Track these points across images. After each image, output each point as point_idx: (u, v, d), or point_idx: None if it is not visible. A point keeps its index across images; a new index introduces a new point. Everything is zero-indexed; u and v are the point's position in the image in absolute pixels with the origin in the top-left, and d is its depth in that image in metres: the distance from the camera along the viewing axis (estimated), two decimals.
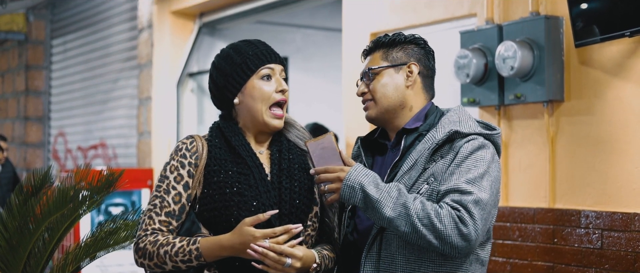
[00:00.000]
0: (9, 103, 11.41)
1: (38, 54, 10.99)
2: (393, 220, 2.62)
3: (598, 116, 4.41)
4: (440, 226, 2.59)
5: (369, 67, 2.90)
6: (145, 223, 2.71)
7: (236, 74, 2.80)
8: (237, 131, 2.82)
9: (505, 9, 4.92)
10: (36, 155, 10.97)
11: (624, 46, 4.28)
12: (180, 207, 2.73)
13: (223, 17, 8.01)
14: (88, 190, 3.96)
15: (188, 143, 2.80)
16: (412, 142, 2.84)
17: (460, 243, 2.60)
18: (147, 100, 8.60)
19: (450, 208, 2.61)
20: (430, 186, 2.73)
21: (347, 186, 2.64)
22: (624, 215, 4.24)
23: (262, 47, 2.84)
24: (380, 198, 2.62)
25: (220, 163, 2.75)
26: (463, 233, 2.59)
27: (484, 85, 4.91)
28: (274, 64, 2.82)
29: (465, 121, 2.83)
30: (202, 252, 2.64)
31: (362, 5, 5.99)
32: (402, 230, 2.62)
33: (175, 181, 2.74)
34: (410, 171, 2.76)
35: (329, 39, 9.09)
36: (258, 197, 2.71)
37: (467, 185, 2.65)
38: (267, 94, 2.79)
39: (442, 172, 2.73)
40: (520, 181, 4.81)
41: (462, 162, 2.71)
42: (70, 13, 10.56)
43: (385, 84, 2.87)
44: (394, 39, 2.92)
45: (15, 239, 3.96)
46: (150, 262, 2.68)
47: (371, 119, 2.92)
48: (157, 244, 2.67)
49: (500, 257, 4.84)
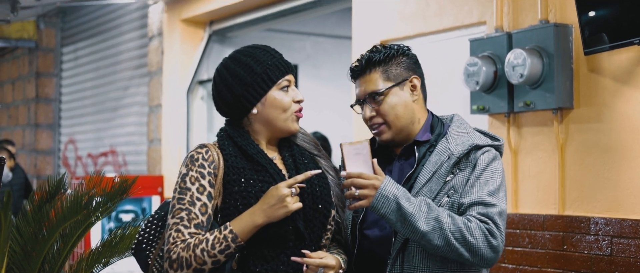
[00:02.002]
0: (19, 110, 11.46)
1: (48, 61, 11.04)
2: (426, 234, 2.66)
3: (607, 123, 4.42)
4: (472, 239, 2.66)
5: (374, 91, 2.85)
6: (173, 237, 2.64)
7: (257, 85, 2.77)
8: (249, 139, 2.80)
9: (514, 16, 4.94)
10: (46, 162, 11.02)
11: (633, 54, 4.29)
12: (208, 218, 2.68)
13: (233, 25, 8.05)
14: (102, 197, 3.97)
15: (204, 152, 2.75)
16: (423, 153, 2.87)
17: (490, 255, 2.70)
18: (157, 108, 8.64)
19: (479, 222, 2.69)
20: (451, 198, 2.77)
21: (382, 196, 2.65)
22: (634, 222, 4.25)
23: (278, 56, 2.83)
24: (414, 212, 2.65)
25: (238, 172, 2.72)
26: (493, 245, 2.69)
27: (493, 92, 4.92)
28: (290, 74, 2.84)
29: (473, 131, 2.90)
30: (236, 231, 2.62)
31: (372, 13, 6.01)
32: (434, 244, 2.67)
33: (199, 192, 2.68)
34: (429, 183, 2.79)
35: (338, 46, 9.11)
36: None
37: (490, 198, 2.73)
38: (288, 105, 2.79)
39: (462, 184, 2.78)
40: (529, 188, 4.82)
41: (480, 174, 2.77)
42: (80, 21, 10.60)
43: (395, 105, 2.86)
44: (387, 55, 2.89)
45: (29, 245, 3.98)
46: (188, 270, 2.60)
47: (386, 141, 2.90)
48: (190, 247, 2.61)
49: (510, 263, 4.85)
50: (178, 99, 8.37)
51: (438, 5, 5.46)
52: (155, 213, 2.89)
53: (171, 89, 8.44)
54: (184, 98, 8.35)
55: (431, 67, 5.11)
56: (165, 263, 2.64)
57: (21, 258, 4.01)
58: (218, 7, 7.74)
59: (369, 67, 2.88)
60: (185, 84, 8.33)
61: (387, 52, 2.88)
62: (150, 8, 8.78)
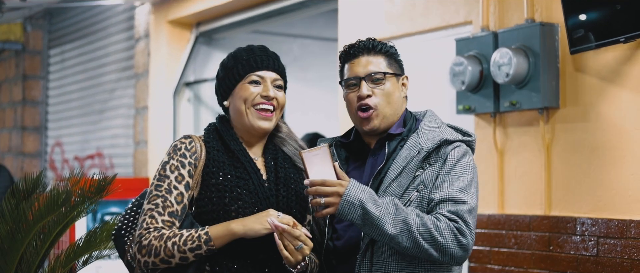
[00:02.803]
0: (6, 113, 11.40)
1: (35, 63, 10.98)
2: (395, 237, 2.64)
3: (593, 123, 4.40)
4: (441, 239, 2.65)
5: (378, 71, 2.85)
6: (147, 222, 2.67)
7: (227, 79, 2.83)
8: (234, 135, 2.83)
9: (500, 16, 4.92)
10: (33, 165, 10.96)
11: (619, 52, 4.27)
12: (183, 207, 2.71)
13: (220, 26, 8.01)
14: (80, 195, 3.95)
15: (187, 143, 2.79)
16: (394, 148, 2.84)
17: (460, 254, 2.69)
18: (144, 110, 8.60)
19: (448, 220, 2.68)
20: (420, 193, 2.76)
21: (347, 202, 2.63)
22: (620, 222, 4.22)
23: (260, 53, 2.84)
24: (381, 216, 2.63)
25: (218, 165, 2.75)
26: (462, 243, 2.68)
27: (479, 92, 4.90)
28: (265, 71, 2.81)
29: (444, 127, 2.90)
30: (211, 235, 2.63)
31: (358, 14, 5.99)
32: (403, 246, 2.66)
33: (177, 181, 2.72)
34: (398, 178, 2.77)
35: (325, 48, 9.09)
36: (258, 203, 2.72)
37: (460, 194, 2.72)
38: (250, 95, 2.79)
39: (431, 179, 2.77)
40: (515, 188, 4.80)
41: (451, 170, 2.76)
42: (67, 23, 10.56)
43: (391, 92, 2.87)
44: (391, 47, 2.93)
45: (6, 243, 3.96)
46: (155, 259, 2.63)
47: (371, 129, 2.86)
48: (163, 238, 2.63)
49: (495, 264, 4.82)
50: (165, 100, 8.33)
51: (424, 6, 5.44)
52: (136, 200, 2.93)
53: (158, 91, 8.40)
54: (170, 100, 8.31)
55: (417, 67, 5.11)
56: (135, 246, 2.67)
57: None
58: (205, 8, 7.71)
59: (376, 48, 2.89)
60: (171, 86, 8.30)
61: (389, 48, 2.92)
62: (137, 10, 8.75)
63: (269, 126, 2.82)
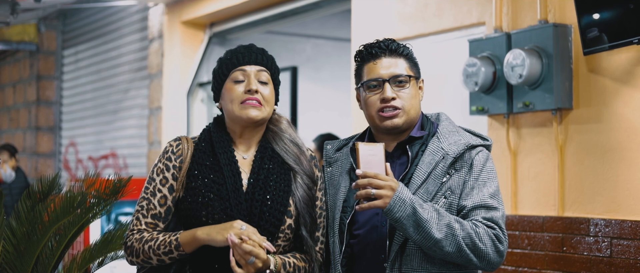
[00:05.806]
0: (20, 113, 11.46)
1: (49, 64, 11.04)
2: (440, 241, 2.65)
3: (607, 124, 4.40)
4: (481, 246, 2.68)
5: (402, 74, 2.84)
6: (133, 224, 2.76)
7: (215, 80, 2.87)
8: (224, 136, 2.84)
9: (513, 17, 4.92)
10: (47, 165, 11.01)
11: (632, 54, 4.26)
12: (166, 209, 2.76)
13: (233, 27, 8.03)
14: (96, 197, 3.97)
15: (175, 145, 2.83)
16: (416, 153, 2.85)
17: (497, 259, 2.73)
18: (158, 110, 8.62)
19: (486, 227, 2.71)
20: (448, 200, 2.77)
21: (399, 198, 2.62)
22: (634, 223, 4.21)
23: (243, 50, 2.86)
24: (428, 218, 2.64)
25: (200, 168, 2.77)
26: (500, 250, 2.72)
27: (492, 93, 4.90)
28: (247, 65, 2.82)
29: (462, 131, 2.92)
30: (180, 241, 2.67)
31: (371, 15, 5.99)
32: (446, 251, 2.67)
33: (161, 184, 2.77)
34: (425, 184, 2.77)
35: (338, 48, 9.10)
36: (227, 210, 2.72)
37: (491, 200, 2.76)
38: (235, 93, 2.80)
39: (459, 185, 2.78)
40: (529, 189, 4.79)
41: (478, 176, 2.79)
42: (81, 24, 10.60)
43: (413, 95, 2.88)
44: (411, 50, 2.93)
45: (22, 245, 3.98)
46: (137, 259, 2.72)
47: (395, 127, 2.85)
48: (142, 241, 2.71)
49: (509, 265, 4.82)
50: (178, 101, 8.35)
51: (437, 6, 5.44)
52: None
53: (171, 91, 8.43)
54: (184, 100, 8.34)
55: (430, 68, 5.10)
56: (123, 245, 2.79)
57: (14, 258, 4.01)
58: (218, 9, 7.73)
59: (398, 50, 2.88)
60: (185, 86, 8.32)
61: (410, 49, 2.92)
62: (151, 10, 8.77)
63: (257, 114, 2.79)
